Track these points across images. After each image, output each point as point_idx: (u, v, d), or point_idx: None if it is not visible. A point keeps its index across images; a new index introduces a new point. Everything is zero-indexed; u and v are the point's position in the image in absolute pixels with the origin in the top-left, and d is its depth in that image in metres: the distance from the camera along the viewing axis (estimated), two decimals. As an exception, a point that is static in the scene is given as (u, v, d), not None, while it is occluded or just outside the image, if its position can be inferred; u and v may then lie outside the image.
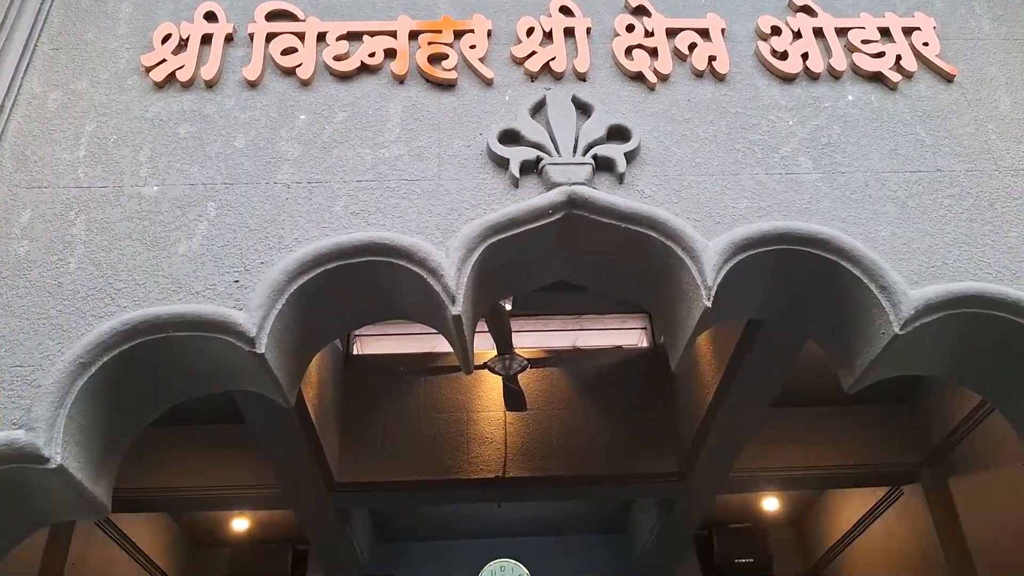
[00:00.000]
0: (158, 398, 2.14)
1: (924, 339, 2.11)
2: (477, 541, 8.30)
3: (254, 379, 2.10)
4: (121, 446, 2.10)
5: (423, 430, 6.37)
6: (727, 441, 5.76)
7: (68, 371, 1.88)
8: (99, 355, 1.92)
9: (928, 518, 6.29)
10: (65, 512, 1.97)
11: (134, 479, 6.18)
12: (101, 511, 1.97)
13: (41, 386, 1.87)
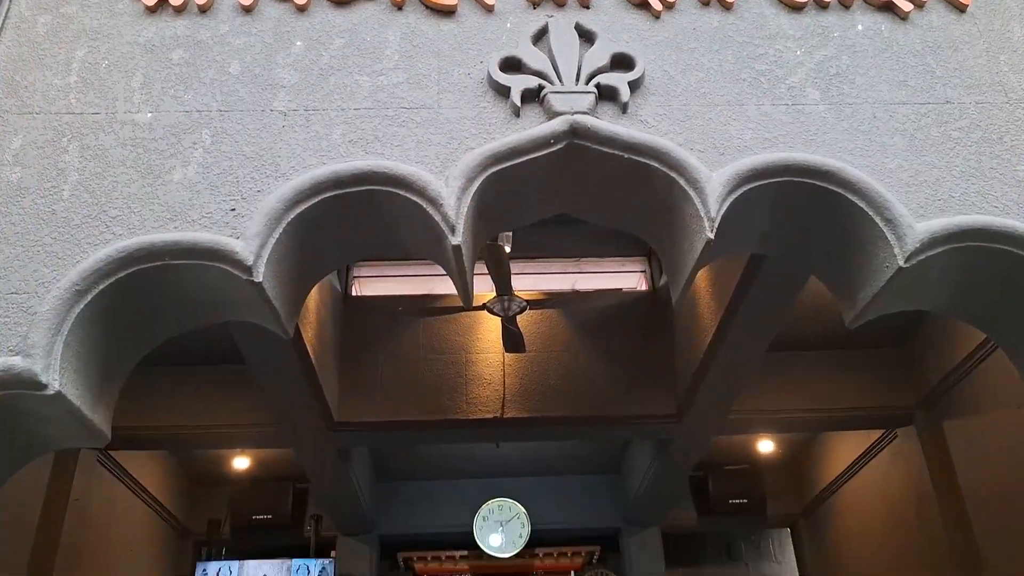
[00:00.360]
0: (156, 328, 2.12)
1: (928, 273, 2.09)
2: (475, 481, 8.42)
3: (252, 309, 2.09)
4: (120, 375, 2.09)
5: (422, 371, 6.39)
6: (724, 383, 5.78)
7: (64, 298, 1.86)
8: (95, 282, 1.90)
9: (922, 461, 6.36)
10: (65, 439, 1.96)
11: (135, 417, 6.23)
12: (101, 439, 1.97)
13: (37, 313, 1.85)
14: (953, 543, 5.95)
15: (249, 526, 8.04)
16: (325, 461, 6.65)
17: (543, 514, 8.23)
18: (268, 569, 7.82)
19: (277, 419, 6.03)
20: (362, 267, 6.95)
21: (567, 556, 8.62)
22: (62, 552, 5.77)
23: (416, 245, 2.24)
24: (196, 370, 6.45)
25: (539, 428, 6.42)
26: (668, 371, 6.39)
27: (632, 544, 8.21)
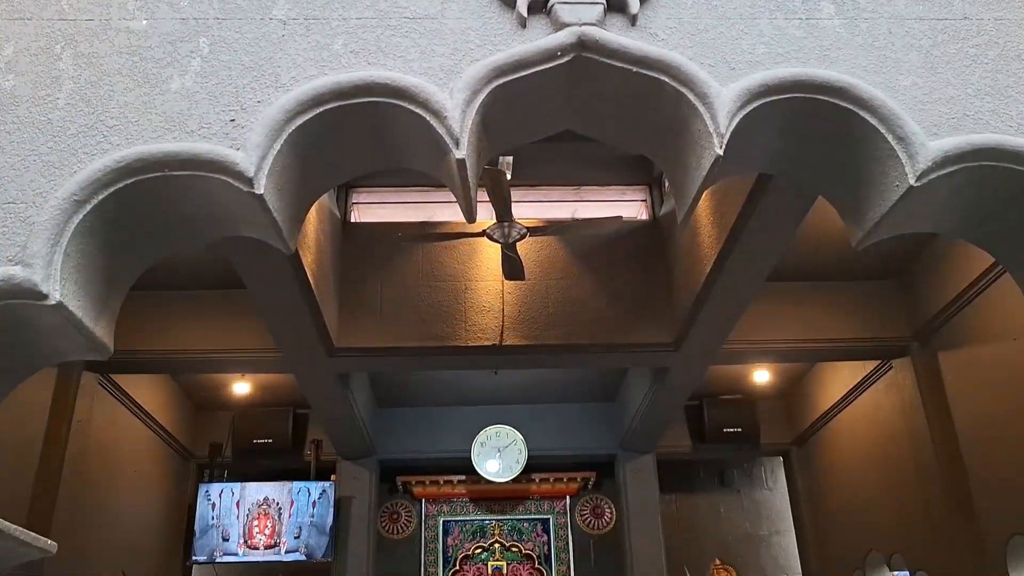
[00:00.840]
0: (157, 242, 2.10)
1: (939, 193, 2.06)
2: (473, 408, 8.52)
3: (253, 223, 2.06)
4: (121, 288, 2.08)
5: (421, 298, 6.40)
6: (722, 313, 5.81)
7: (62, 208, 1.83)
8: (93, 193, 1.87)
9: (915, 392, 6.43)
10: (68, 351, 1.96)
11: (136, 341, 6.27)
12: (104, 351, 1.97)
13: (35, 223, 1.83)
14: (944, 473, 6.06)
15: (250, 450, 8.18)
16: (325, 386, 6.71)
17: (540, 440, 8.36)
18: (269, 491, 7.97)
19: (277, 344, 6.05)
20: (361, 192, 6.91)
21: (563, 481, 8.78)
22: (67, 472, 5.86)
23: (420, 159, 2.21)
24: (196, 295, 6.47)
25: (537, 356, 6.46)
26: (666, 300, 6.41)
27: (627, 470, 8.36)
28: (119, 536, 6.79)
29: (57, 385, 5.97)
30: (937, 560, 6.17)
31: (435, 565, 8.56)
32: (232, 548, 7.79)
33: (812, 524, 8.32)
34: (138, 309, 6.33)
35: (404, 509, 8.82)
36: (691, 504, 9.09)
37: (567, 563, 8.59)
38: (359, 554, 7.92)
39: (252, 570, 8.55)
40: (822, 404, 7.96)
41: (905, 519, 6.61)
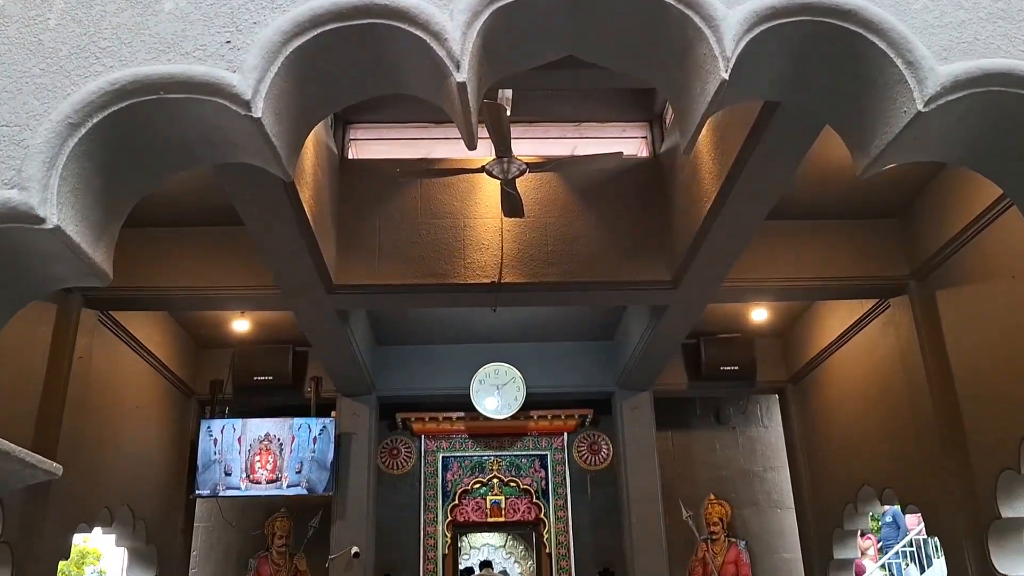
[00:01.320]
0: (154, 167, 2.07)
1: (947, 120, 2.03)
2: (472, 345, 8.57)
3: (251, 149, 2.03)
4: (119, 214, 2.06)
5: (420, 235, 6.38)
6: (721, 251, 5.80)
7: (57, 131, 1.80)
8: (88, 115, 1.83)
9: (912, 330, 6.46)
10: (67, 277, 1.95)
11: (135, 278, 6.27)
12: (103, 277, 1.95)
13: (30, 146, 1.80)
14: (938, 410, 6.13)
15: (250, 387, 8.25)
16: (324, 324, 6.73)
17: (538, 378, 8.43)
18: (270, 427, 8.07)
19: (276, 281, 6.05)
20: (358, 129, 6.83)
21: (560, 418, 8.90)
22: (69, 408, 5.91)
23: (419, 83, 2.16)
24: (195, 231, 6.44)
25: (536, 293, 6.47)
26: (666, 238, 6.39)
27: (624, 407, 8.46)
28: (123, 469, 6.89)
29: (57, 322, 5.98)
30: (928, 494, 6.29)
31: (435, 499, 8.72)
32: (235, 482, 7.92)
33: (806, 460, 8.45)
34: (137, 246, 6.33)
35: (404, 445, 8.94)
36: (687, 441, 9.22)
37: (564, 498, 8.75)
38: (360, 489, 8.05)
39: (255, 503, 8.70)
40: (819, 343, 8.01)
41: (898, 455, 6.70)
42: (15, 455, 1.64)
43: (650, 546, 7.95)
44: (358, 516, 7.97)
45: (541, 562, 8.82)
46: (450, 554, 8.66)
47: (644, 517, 8.06)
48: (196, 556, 8.62)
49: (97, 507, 6.42)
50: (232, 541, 8.77)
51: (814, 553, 8.18)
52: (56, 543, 5.80)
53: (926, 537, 12.81)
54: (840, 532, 7.76)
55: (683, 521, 8.72)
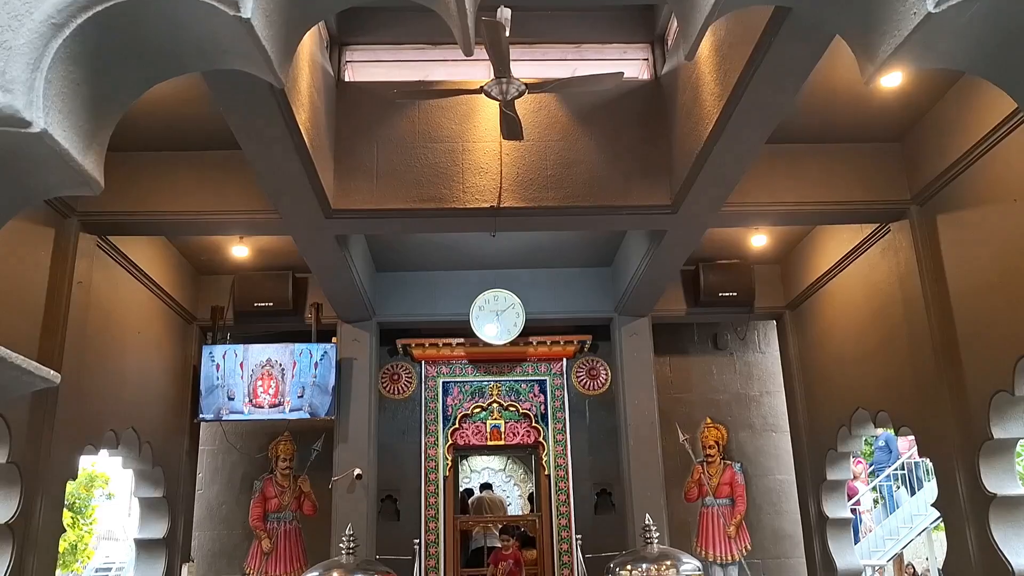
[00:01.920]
0: (142, 72, 2.01)
1: (958, 22, 1.96)
2: (471, 272, 8.58)
3: (242, 53, 1.97)
4: (108, 121, 2.01)
5: (418, 159, 6.32)
6: (721, 175, 5.75)
7: (40, 31, 1.74)
8: (71, 16, 1.77)
9: (911, 255, 6.46)
10: (57, 185, 1.92)
11: (132, 203, 6.25)
12: (94, 185, 1.92)
13: (12, 47, 1.74)
14: (934, 334, 6.16)
15: (251, 313, 8.30)
16: (323, 249, 6.72)
17: (537, 304, 8.46)
18: (272, 352, 8.13)
19: (274, 206, 6.02)
20: (354, 51, 6.69)
21: (560, 344, 8.96)
22: (71, 333, 5.94)
23: (413, -14, 2.10)
24: (193, 156, 6.39)
25: (535, 218, 6.44)
26: (666, 162, 6.33)
27: (623, 333, 8.51)
28: (127, 393, 6.97)
29: (55, 247, 5.96)
30: (922, 416, 6.37)
31: (435, 423, 8.85)
32: (237, 407, 8.02)
33: (802, 385, 8.55)
34: (134, 170, 6.28)
35: (404, 371, 9.03)
36: (684, 366, 9.31)
37: (563, 422, 8.88)
38: (361, 413, 8.17)
39: (258, 427, 8.84)
40: (818, 268, 8.01)
41: (893, 379, 6.77)
42: (11, 361, 1.64)
43: (647, 468, 8.11)
44: (360, 439, 8.10)
45: (540, 484, 9.00)
46: (451, 476, 8.82)
47: (641, 440, 8.19)
48: (202, 478, 8.80)
49: (102, 429, 6.52)
50: (237, 463, 8.94)
51: (807, 475, 8.34)
52: (63, 464, 5.90)
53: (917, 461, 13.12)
54: (833, 454, 7.90)
55: (680, 444, 8.86)
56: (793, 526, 8.71)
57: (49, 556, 5.74)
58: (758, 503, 8.95)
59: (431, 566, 8.38)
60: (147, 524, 7.71)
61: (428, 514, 8.58)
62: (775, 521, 8.91)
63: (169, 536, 7.70)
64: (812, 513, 8.22)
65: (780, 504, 8.93)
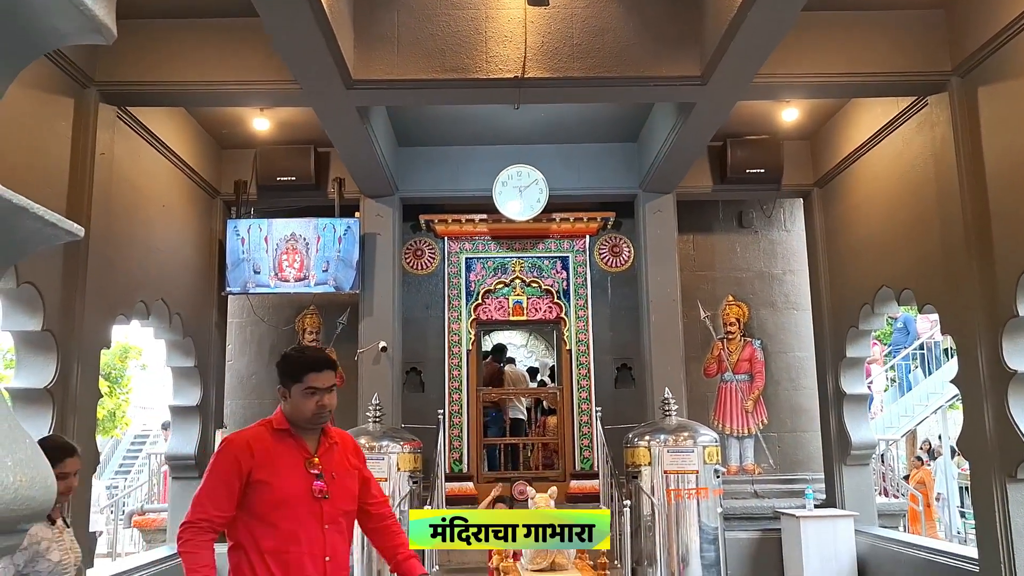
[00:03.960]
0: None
1: None
2: (495, 147, 8.47)
3: None
4: (117, -30, 1.94)
5: (440, 27, 6.13)
6: (754, 44, 5.54)
7: None
8: None
9: (948, 130, 6.25)
10: (69, 32, 1.84)
11: (150, 72, 6.17)
12: (106, 32, 1.86)
13: None
14: (966, 211, 6.04)
15: (274, 187, 8.30)
16: (344, 121, 6.64)
17: (561, 180, 8.38)
18: (296, 227, 8.17)
19: (294, 75, 5.90)
20: (373, -89, 6.38)
21: (583, 221, 8.92)
22: (96, 204, 5.97)
23: None
24: (212, 24, 6.25)
25: (560, 89, 6.29)
26: (696, 31, 6.11)
27: (647, 210, 8.44)
28: (155, 265, 7.07)
29: (76, 118, 5.92)
30: (947, 295, 6.33)
31: (458, 299, 8.95)
32: (264, 280, 8.13)
33: (826, 263, 8.49)
34: (151, 39, 6.15)
35: (427, 246, 9.07)
36: (708, 243, 9.26)
37: (585, 298, 8.95)
38: (385, 287, 8.26)
39: (284, 300, 9.00)
40: (849, 144, 7.81)
41: (920, 257, 6.70)
42: (33, 211, 1.64)
43: (667, 344, 8.20)
44: (384, 313, 8.23)
45: (561, 358, 9.16)
46: (474, 350, 8.99)
47: (662, 317, 8.25)
48: (232, 349, 9.03)
49: (133, 299, 6.66)
50: (265, 335, 9.15)
51: (827, 352, 8.40)
52: (96, 332, 6.06)
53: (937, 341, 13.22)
54: (854, 332, 7.93)
55: (701, 321, 8.94)
56: (810, 401, 8.85)
57: (88, 420, 5.99)
58: (776, 379, 9.08)
59: (455, 435, 8.67)
60: (180, 392, 7.98)
61: (452, 386, 8.80)
62: (792, 396, 9.05)
63: (202, 403, 7.98)
64: (829, 389, 8.33)
65: (798, 380, 9.05)
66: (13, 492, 1.57)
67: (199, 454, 7.86)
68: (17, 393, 5.53)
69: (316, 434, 2.91)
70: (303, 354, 2.87)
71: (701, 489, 6.80)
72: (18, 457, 1.64)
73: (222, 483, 2.74)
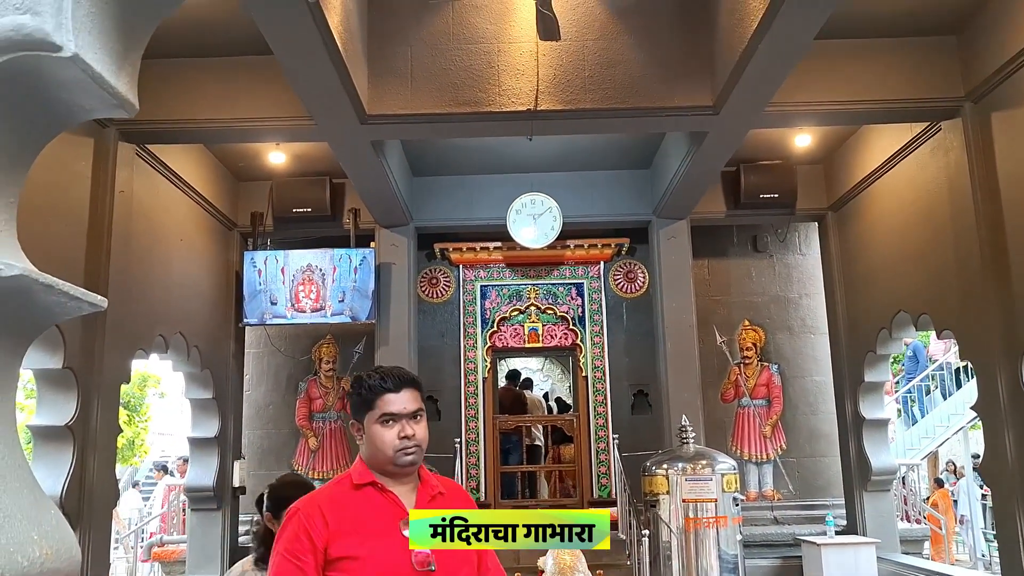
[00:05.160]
0: (169, -11, 1.98)
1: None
2: (508, 176, 8.52)
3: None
4: (139, 41, 1.99)
5: (453, 62, 6.19)
6: (766, 73, 5.55)
7: (65, -50, 1.71)
8: (96, -67, 1.73)
9: (963, 155, 6.24)
10: (93, 108, 1.91)
11: (168, 110, 6.26)
12: (129, 107, 1.92)
13: (39, -33, 1.72)
14: (982, 235, 6.02)
15: (290, 219, 8.37)
16: (359, 155, 6.69)
17: (575, 208, 8.39)
18: (312, 258, 8.24)
19: (309, 112, 5.98)
20: (385, -50, 6.47)
21: (597, 247, 8.95)
22: (116, 242, 6.07)
23: None
24: (228, 62, 6.35)
25: (573, 120, 6.31)
26: (708, 61, 6.13)
27: (661, 236, 8.44)
28: (173, 299, 7.14)
29: (95, 158, 6.01)
30: (965, 320, 6.29)
31: (474, 326, 8.97)
32: (280, 311, 8.19)
33: (842, 287, 8.46)
34: (169, 79, 6.25)
35: (442, 274, 9.12)
36: (723, 268, 9.24)
37: (600, 324, 8.95)
38: (401, 316, 8.29)
39: (301, 331, 9.05)
40: (863, 169, 7.80)
41: (937, 281, 6.66)
42: (59, 288, 1.68)
43: (684, 370, 8.17)
44: (400, 342, 8.25)
45: (577, 385, 9.15)
46: (490, 377, 9.00)
47: (679, 342, 8.23)
48: (249, 379, 9.09)
49: (151, 334, 6.72)
50: (281, 365, 9.20)
51: (845, 376, 8.35)
52: (116, 368, 6.12)
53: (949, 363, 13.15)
54: (872, 356, 7.89)
55: (717, 346, 8.91)
56: (828, 426, 8.79)
57: (108, 454, 6.03)
58: (794, 403, 9.02)
59: (472, 463, 8.66)
60: (199, 424, 8.04)
61: (468, 414, 8.81)
62: (810, 421, 8.99)
63: (220, 435, 8.03)
64: (848, 413, 8.27)
65: (816, 404, 8.99)
66: (39, 566, 1.59)
67: (217, 485, 7.90)
68: (39, 430, 5.60)
69: (412, 483, 2.17)
70: (374, 373, 2.15)
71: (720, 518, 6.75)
72: (44, 529, 1.67)
73: (294, 568, 1.99)
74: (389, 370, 2.15)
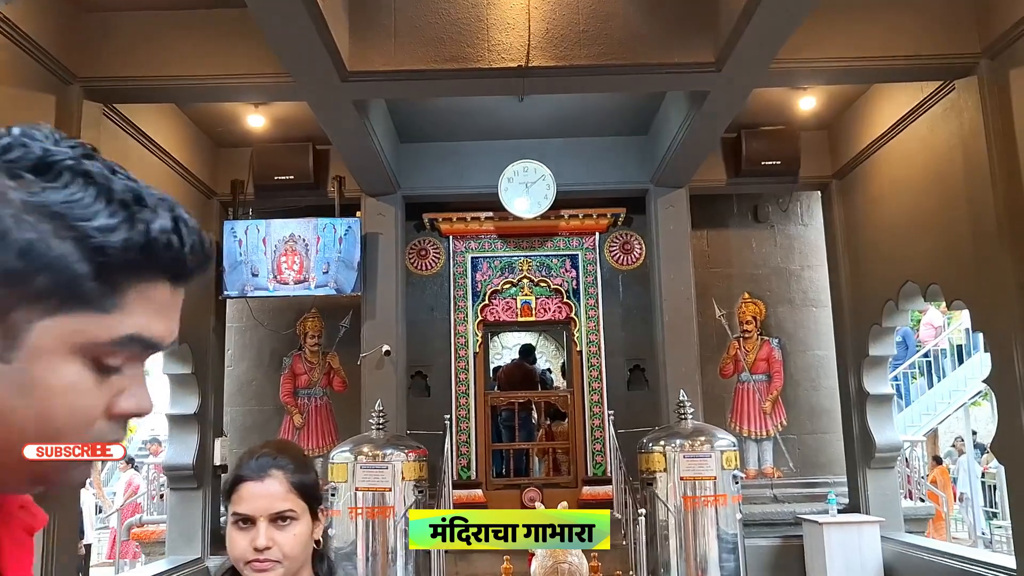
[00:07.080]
0: None
1: None
2: (500, 142, 8.17)
3: None
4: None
5: (439, 14, 5.83)
6: (771, 28, 5.22)
7: None
8: None
9: (978, 116, 5.92)
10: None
11: (136, 67, 5.89)
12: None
13: None
14: (998, 201, 5.71)
15: (272, 187, 8.02)
16: (341, 116, 6.34)
17: (569, 176, 8.05)
18: (295, 228, 7.89)
19: (286, 67, 5.62)
20: None
21: (592, 218, 8.63)
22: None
23: None
24: (199, 15, 5.97)
25: (567, 78, 5.98)
26: (710, 14, 5.79)
27: (659, 205, 8.12)
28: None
29: (57, 117, 5.63)
30: (978, 290, 5.99)
31: (464, 299, 8.66)
32: (262, 283, 7.86)
33: (847, 258, 8.15)
34: (136, 32, 5.87)
35: (431, 246, 8.79)
36: (723, 239, 8.93)
37: (595, 297, 8.65)
38: (388, 289, 7.97)
39: (285, 304, 8.72)
40: (870, 133, 7.46)
41: (948, 250, 6.36)
42: None
43: (681, 344, 7.87)
44: (387, 316, 7.93)
45: (572, 359, 8.86)
46: (481, 352, 8.70)
47: (676, 316, 7.93)
48: (231, 354, 8.77)
49: (124, 306, 6.38)
50: (265, 340, 8.88)
51: (848, 350, 8.07)
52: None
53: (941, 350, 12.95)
54: (877, 329, 7.60)
55: (716, 320, 8.61)
56: (831, 402, 8.52)
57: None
58: (795, 379, 8.74)
59: (462, 440, 8.38)
60: (178, 400, 7.73)
61: (459, 390, 8.52)
62: (812, 397, 8.72)
63: (200, 411, 7.72)
64: (852, 389, 8.00)
65: (818, 380, 8.71)
66: None
67: (197, 464, 7.60)
68: None
69: None
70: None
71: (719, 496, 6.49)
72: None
73: None
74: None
